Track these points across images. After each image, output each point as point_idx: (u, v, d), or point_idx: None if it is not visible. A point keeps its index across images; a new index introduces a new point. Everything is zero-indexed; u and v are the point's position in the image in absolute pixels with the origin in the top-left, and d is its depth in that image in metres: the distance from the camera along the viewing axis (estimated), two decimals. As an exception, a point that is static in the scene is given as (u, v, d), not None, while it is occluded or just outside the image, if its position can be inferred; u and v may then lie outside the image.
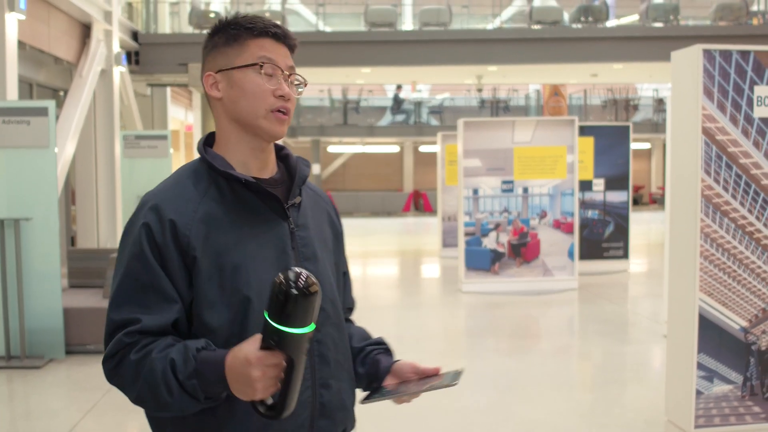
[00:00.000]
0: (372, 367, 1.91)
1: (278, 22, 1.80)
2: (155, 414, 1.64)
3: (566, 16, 16.57)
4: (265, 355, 1.42)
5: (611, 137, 12.08)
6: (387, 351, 1.98)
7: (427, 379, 1.87)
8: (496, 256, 10.54)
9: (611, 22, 19.70)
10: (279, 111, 1.69)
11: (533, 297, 10.18)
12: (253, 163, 1.73)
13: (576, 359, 7.57)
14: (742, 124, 4.33)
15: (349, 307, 2.04)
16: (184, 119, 23.34)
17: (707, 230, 4.32)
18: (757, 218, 4.37)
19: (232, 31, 1.72)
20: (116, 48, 13.40)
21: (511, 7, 21.93)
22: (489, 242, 10.54)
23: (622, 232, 12.13)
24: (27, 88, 11.88)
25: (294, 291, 1.38)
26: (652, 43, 15.09)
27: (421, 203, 28.52)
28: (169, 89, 18.06)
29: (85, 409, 5.52)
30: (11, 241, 6.65)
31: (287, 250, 1.69)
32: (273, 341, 1.41)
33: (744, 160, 4.34)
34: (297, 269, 1.42)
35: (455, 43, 15.24)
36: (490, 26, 19.23)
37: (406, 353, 6.52)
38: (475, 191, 10.53)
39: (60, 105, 11.90)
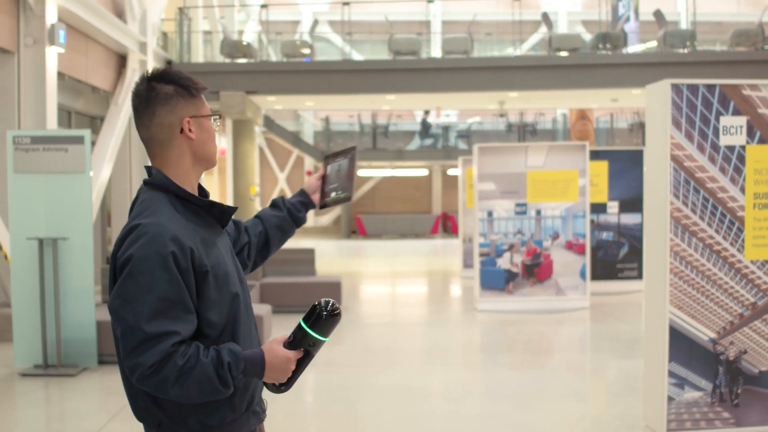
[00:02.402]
0: (299, 205, 2.66)
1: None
2: (191, 402, 2.08)
3: (586, 40, 16.97)
4: (294, 354, 2.12)
5: (625, 161, 12.43)
6: (283, 199, 2.67)
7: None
8: (510, 276, 10.93)
9: (634, 47, 20.05)
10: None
11: (546, 315, 10.55)
12: (193, 188, 2.25)
13: (579, 372, 7.93)
14: (709, 151, 4.72)
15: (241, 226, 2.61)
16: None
17: (677, 249, 4.72)
18: (724, 238, 4.76)
19: (186, 84, 2.19)
20: (151, 77, 14.04)
21: (536, 33, 22.42)
22: (503, 263, 10.94)
23: (636, 254, 12.44)
24: (66, 115, 12.55)
25: (325, 312, 2.11)
26: (669, 68, 15.41)
27: (449, 225, 28.91)
28: (201, 116, 18.68)
29: (114, 413, 6.02)
30: (50, 259, 7.21)
31: (230, 251, 2.30)
32: (309, 343, 2.13)
33: (711, 184, 4.74)
34: (330, 299, 2.13)
35: (477, 71, 15.71)
36: (512, 54, 19.68)
37: (425, 365, 6.99)
38: (490, 213, 10.94)
39: (96, 132, 12.56)
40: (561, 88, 15.71)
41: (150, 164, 2.24)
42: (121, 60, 13.54)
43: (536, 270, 10.93)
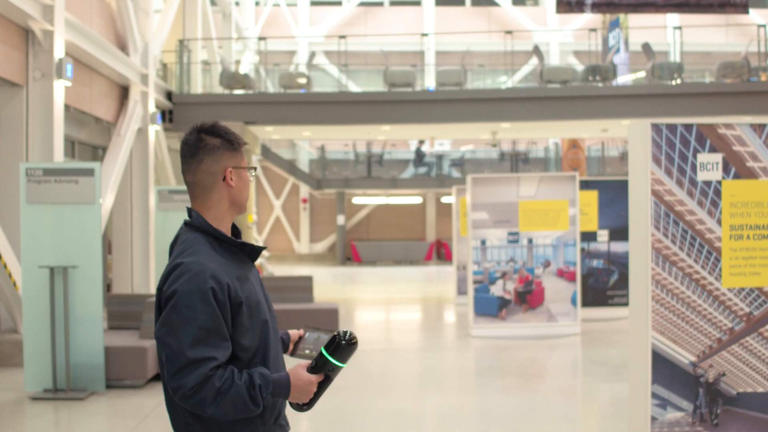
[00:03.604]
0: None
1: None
2: (226, 419, 2.39)
3: (579, 68, 17.38)
4: (316, 377, 2.46)
5: (614, 190, 12.79)
6: None
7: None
8: (503, 303, 11.23)
9: (624, 78, 20.50)
10: None
11: (538, 341, 10.83)
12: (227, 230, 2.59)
13: (570, 396, 8.20)
14: (687, 186, 5.05)
15: None
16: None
17: (658, 277, 5.03)
18: (702, 267, 5.07)
19: (230, 139, 2.55)
20: (152, 108, 14.41)
21: (526, 65, 22.88)
22: (496, 290, 11.24)
23: (625, 281, 12.74)
24: (70, 146, 12.86)
25: (343, 341, 2.46)
26: (657, 100, 15.84)
27: (443, 252, 29.21)
28: (200, 145, 19.02)
29: (124, 434, 6.28)
30: (60, 286, 7.49)
31: (261, 283, 2.63)
32: (329, 369, 2.47)
33: (689, 217, 5.06)
34: (348, 330, 2.47)
35: (470, 102, 16.11)
36: (504, 85, 20.10)
37: (420, 390, 7.30)
38: (483, 242, 11.26)
39: (99, 161, 12.86)
40: (552, 119, 16.10)
41: (190, 206, 2.56)
42: (123, 91, 13.87)
43: (528, 297, 11.23)
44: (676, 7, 15.20)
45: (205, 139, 2.53)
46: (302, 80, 17.59)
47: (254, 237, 18.43)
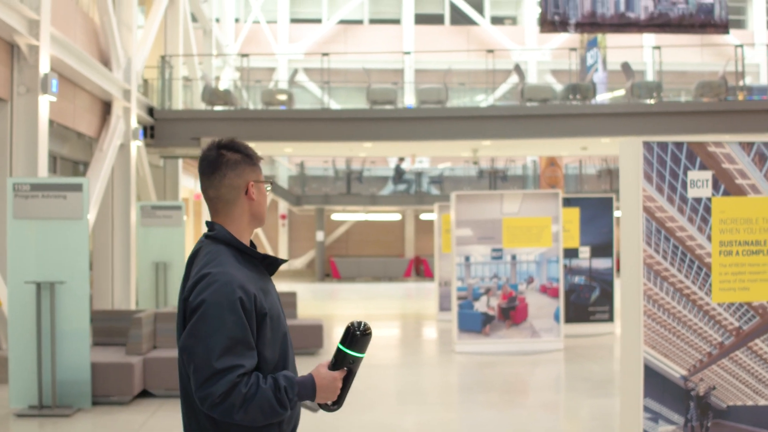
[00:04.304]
0: None
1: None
2: (253, 425, 2.41)
3: (556, 90, 17.57)
4: (338, 373, 2.48)
5: (596, 208, 12.93)
6: None
7: None
8: (486, 319, 11.29)
9: (602, 96, 20.74)
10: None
11: (521, 357, 10.89)
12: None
13: (555, 411, 8.26)
14: (678, 203, 5.14)
15: None
16: (194, 188, 24.31)
17: (650, 293, 5.10)
18: (693, 282, 5.15)
19: (248, 153, 2.60)
20: (134, 124, 14.37)
21: (505, 84, 23.08)
22: (480, 306, 11.30)
23: (607, 297, 12.88)
24: (52, 161, 12.78)
25: (358, 332, 2.49)
26: (636, 118, 16.04)
27: (421, 269, 29.26)
28: (180, 160, 19.03)
29: (114, 451, 6.24)
30: (47, 302, 7.44)
31: (278, 298, 2.65)
32: (349, 361, 2.48)
33: (680, 233, 5.14)
34: (362, 321, 2.49)
35: (451, 120, 16.22)
36: (484, 103, 20.27)
37: (404, 405, 7.31)
38: (467, 258, 11.33)
39: (80, 176, 12.80)
40: (533, 137, 16.25)
41: (210, 219, 2.59)
42: (106, 107, 13.83)
43: (512, 313, 11.29)
44: (659, 26, 15.43)
45: (225, 154, 2.57)
46: (283, 97, 17.63)
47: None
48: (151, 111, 16.18)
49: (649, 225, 5.14)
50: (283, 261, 2.65)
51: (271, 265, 2.61)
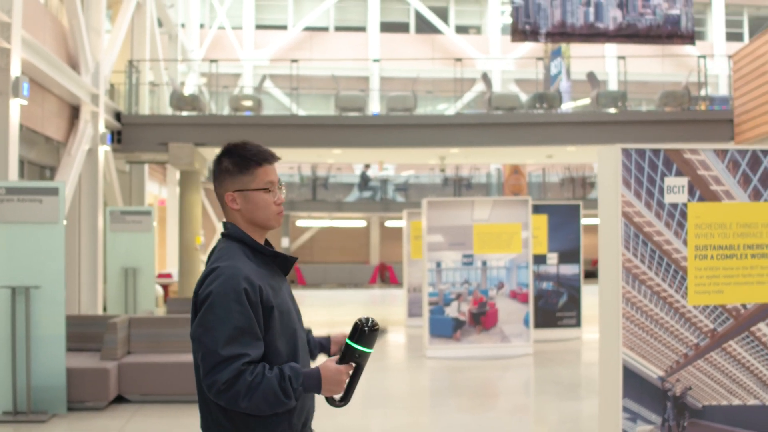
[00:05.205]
0: (319, 345, 2.94)
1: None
2: (259, 413, 2.48)
3: (523, 99, 17.81)
4: (345, 366, 2.51)
5: (563, 215, 13.13)
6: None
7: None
8: (457, 324, 11.40)
9: (566, 105, 21.05)
10: (280, 212, 2.70)
11: (492, 362, 11.02)
12: (260, 241, 2.68)
13: (526, 414, 8.38)
14: (655, 208, 5.28)
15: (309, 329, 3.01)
16: (158, 194, 24.15)
17: (628, 295, 5.24)
18: (669, 285, 5.30)
19: (242, 160, 2.62)
20: (102, 128, 14.27)
21: (469, 92, 23.32)
22: (451, 311, 11.41)
23: (574, 302, 13.08)
24: (19, 166, 12.64)
25: (366, 327, 2.52)
26: (602, 127, 16.31)
27: (387, 275, 29.35)
28: (146, 166, 18.92)
29: (94, 455, 6.21)
30: (21, 307, 7.38)
31: (291, 295, 2.72)
32: (356, 356, 2.51)
33: (657, 237, 5.29)
34: (369, 316, 2.54)
35: (420, 128, 16.36)
36: (449, 111, 20.45)
37: (375, 408, 7.38)
38: (438, 264, 11.44)
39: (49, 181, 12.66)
40: (500, 144, 16.43)
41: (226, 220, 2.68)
42: (74, 111, 13.72)
43: (482, 318, 11.42)
44: (627, 37, 15.73)
45: (221, 162, 2.67)
46: (247, 102, 17.61)
47: (201, 259, 18.28)
48: (118, 116, 16.07)
49: (627, 230, 5.27)
50: (295, 259, 2.70)
51: (283, 263, 2.67)
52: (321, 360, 2.68)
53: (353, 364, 2.55)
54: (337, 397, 2.57)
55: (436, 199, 11.78)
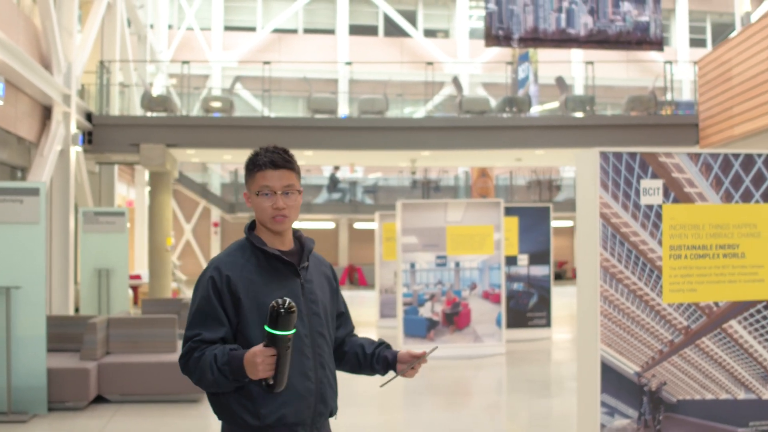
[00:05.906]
0: (384, 361, 2.97)
1: (281, 153, 2.86)
2: (208, 390, 2.70)
3: (493, 103, 18.04)
4: (262, 349, 2.48)
5: (534, 217, 13.36)
6: (388, 347, 3.03)
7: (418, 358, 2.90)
8: (431, 324, 11.57)
9: (534, 109, 21.33)
10: (276, 216, 2.77)
11: (465, 361, 11.19)
12: (276, 241, 2.81)
13: (498, 411, 8.56)
14: (631, 210, 5.48)
15: (352, 329, 3.13)
16: (126, 195, 24.02)
17: (606, 294, 5.42)
18: (645, 284, 5.50)
19: (249, 164, 2.83)
20: (73, 129, 14.22)
21: (437, 96, 23.52)
22: (425, 311, 11.58)
23: (545, 303, 13.31)
24: (-12, 166, 12.59)
25: (282, 309, 2.44)
26: (570, 131, 16.59)
27: (356, 277, 29.47)
28: (116, 167, 18.84)
29: (78, 454, 6.26)
30: (2, 307, 7.39)
31: (298, 296, 2.77)
32: (270, 341, 2.46)
33: (634, 238, 5.48)
34: (285, 298, 2.51)
35: (391, 130, 16.51)
36: (418, 114, 20.62)
37: (349, 407, 7.45)
38: (412, 265, 11.59)
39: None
40: (470, 147, 16.63)
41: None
42: (46, 111, 13.66)
43: (455, 318, 11.60)
44: (597, 43, 16.04)
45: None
46: (216, 104, 17.63)
47: (172, 261, 18.25)
48: (89, 116, 16.01)
49: (605, 230, 5.45)
50: (290, 263, 2.77)
51: (285, 264, 2.78)
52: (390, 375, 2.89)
53: (273, 348, 2.48)
54: (271, 382, 2.54)
55: (410, 201, 11.94)
